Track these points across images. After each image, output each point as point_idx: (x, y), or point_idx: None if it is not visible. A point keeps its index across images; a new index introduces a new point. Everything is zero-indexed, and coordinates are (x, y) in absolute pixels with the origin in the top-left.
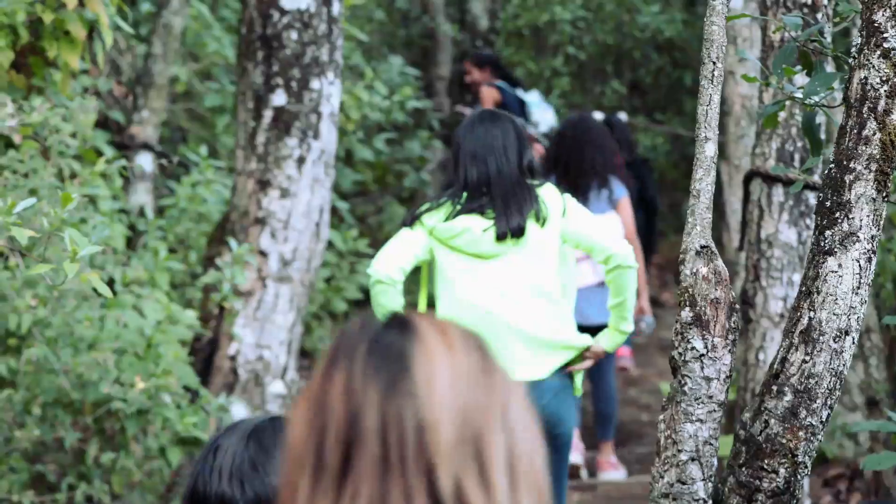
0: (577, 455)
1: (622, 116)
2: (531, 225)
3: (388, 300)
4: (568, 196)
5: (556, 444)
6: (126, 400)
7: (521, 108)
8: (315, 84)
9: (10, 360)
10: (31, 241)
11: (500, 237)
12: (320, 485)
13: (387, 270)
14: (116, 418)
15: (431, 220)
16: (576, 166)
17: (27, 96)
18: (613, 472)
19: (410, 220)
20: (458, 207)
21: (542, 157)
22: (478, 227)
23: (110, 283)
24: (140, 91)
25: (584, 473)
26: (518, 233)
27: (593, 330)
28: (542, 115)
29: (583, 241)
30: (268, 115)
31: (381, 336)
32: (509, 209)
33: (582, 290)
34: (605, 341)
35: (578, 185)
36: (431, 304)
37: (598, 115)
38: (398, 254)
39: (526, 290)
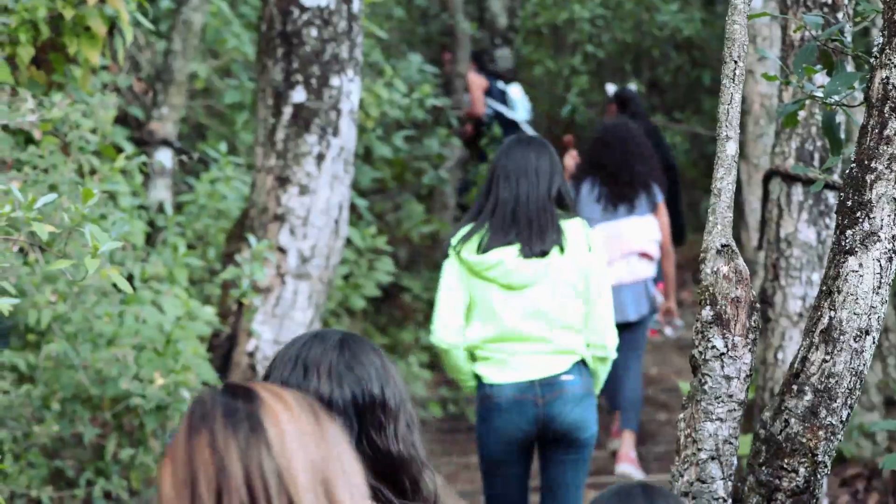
0: (631, 468)
1: (632, 87)
2: (555, 254)
3: (460, 362)
4: (595, 237)
5: (580, 448)
6: (145, 396)
7: (503, 98)
8: (335, 81)
9: (30, 356)
10: (52, 237)
11: (526, 256)
12: None
13: (450, 339)
14: (135, 414)
15: (465, 252)
16: (624, 177)
17: (47, 92)
18: (631, 467)
19: (446, 252)
20: (489, 239)
21: (581, 161)
22: (509, 260)
23: (129, 279)
24: (160, 87)
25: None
26: (541, 255)
27: (630, 326)
28: (522, 105)
29: (590, 299)
30: (287, 111)
31: (232, 403)
32: (533, 233)
33: (618, 288)
34: None
35: (625, 193)
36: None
37: (611, 88)
38: (451, 316)
39: (549, 318)
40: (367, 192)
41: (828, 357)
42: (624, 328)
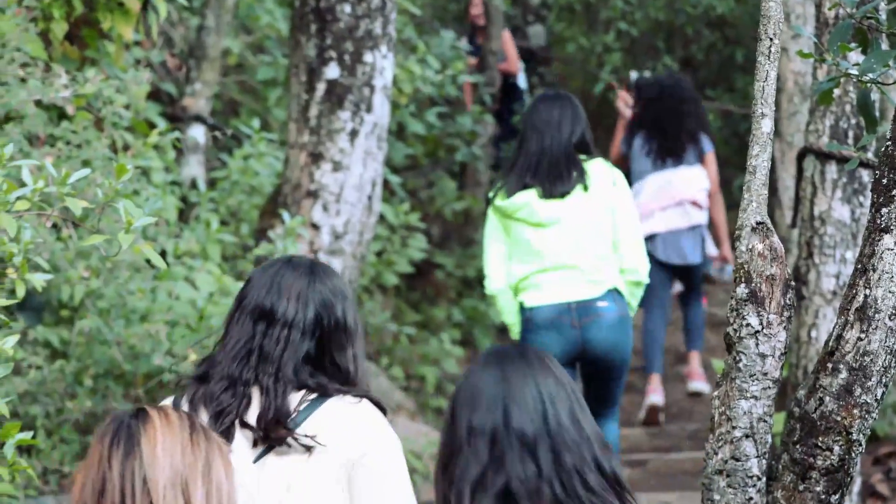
0: (657, 397)
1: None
2: (579, 192)
3: (508, 303)
4: (619, 173)
5: (617, 368)
6: (178, 371)
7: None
8: (368, 57)
9: (63, 331)
10: (85, 213)
11: (548, 197)
12: None
13: (498, 285)
14: (168, 390)
15: (498, 200)
16: (673, 132)
17: (81, 68)
18: (701, 383)
19: (486, 204)
20: (517, 184)
21: (634, 116)
22: (534, 200)
23: (163, 254)
24: (193, 63)
25: (661, 417)
26: (563, 196)
27: (688, 270)
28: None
29: (617, 229)
30: (321, 88)
31: (125, 422)
32: (553, 177)
33: (674, 234)
34: None
35: (672, 148)
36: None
37: (634, 75)
38: (496, 263)
39: (580, 249)
40: (400, 168)
41: (863, 335)
42: (682, 272)
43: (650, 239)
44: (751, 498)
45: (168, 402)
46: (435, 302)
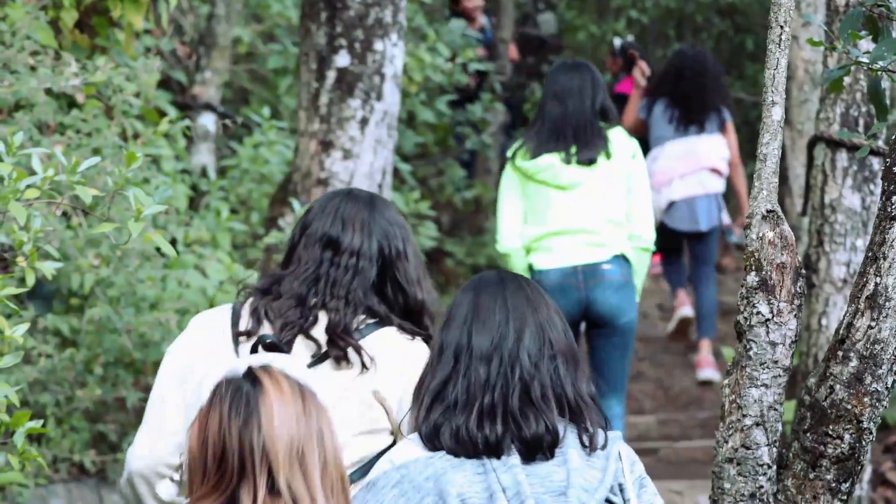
0: (687, 309)
1: (630, 39)
2: (601, 159)
3: (520, 263)
4: (637, 144)
5: (621, 332)
6: None
7: None
8: (378, 45)
9: (73, 320)
10: (95, 201)
11: (576, 163)
12: (206, 479)
13: (511, 244)
14: None
15: (518, 160)
16: (697, 103)
17: (91, 56)
18: (710, 371)
19: (504, 162)
20: (540, 146)
21: (656, 82)
22: (558, 163)
23: (173, 243)
24: (203, 51)
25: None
26: (590, 163)
27: (701, 237)
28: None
29: (631, 197)
30: (331, 76)
31: (242, 388)
32: (581, 144)
33: (690, 201)
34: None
35: (696, 115)
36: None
37: (618, 42)
38: (511, 222)
39: (594, 212)
40: (411, 156)
41: (873, 323)
42: (695, 239)
43: (668, 208)
44: (761, 486)
45: (227, 307)
46: (445, 290)
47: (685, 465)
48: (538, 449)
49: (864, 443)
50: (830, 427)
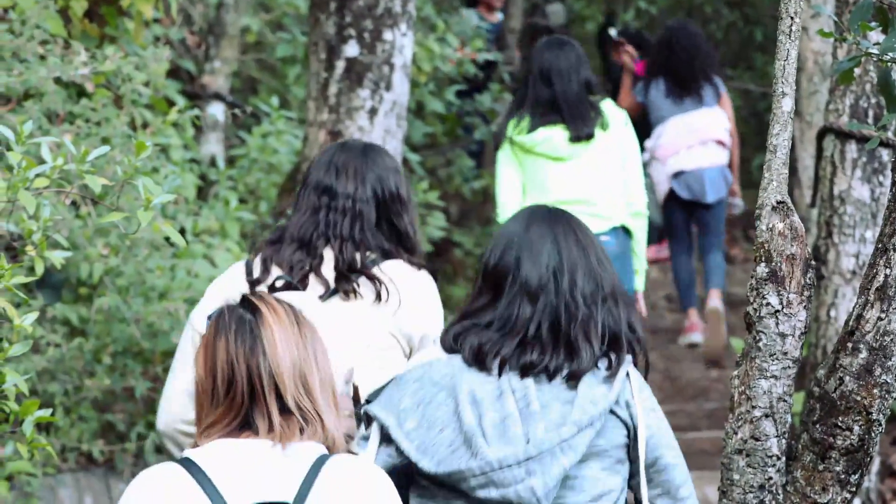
0: (697, 335)
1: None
2: (597, 132)
3: None
4: (625, 113)
5: None
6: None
7: None
8: (388, 35)
9: (82, 309)
10: (104, 190)
11: (575, 140)
12: (214, 404)
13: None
14: None
15: (516, 136)
16: (686, 73)
17: (100, 45)
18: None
19: (499, 142)
20: (536, 121)
21: (650, 62)
22: (555, 136)
23: (181, 232)
24: (212, 41)
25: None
26: (588, 137)
27: (709, 208)
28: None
29: (624, 165)
30: (340, 65)
31: (242, 316)
32: (577, 119)
33: (698, 172)
34: (638, 283)
35: (688, 86)
36: None
37: (613, 32)
38: (509, 196)
39: (593, 184)
40: (420, 146)
41: (883, 315)
42: (703, 210)
43: (677, 176)
44: (770, 477)
45: (240, 263)
46: (453, 280)
47: (693, 457)
48: (566, 374)
49: (873, 434)
50: (840, 418)
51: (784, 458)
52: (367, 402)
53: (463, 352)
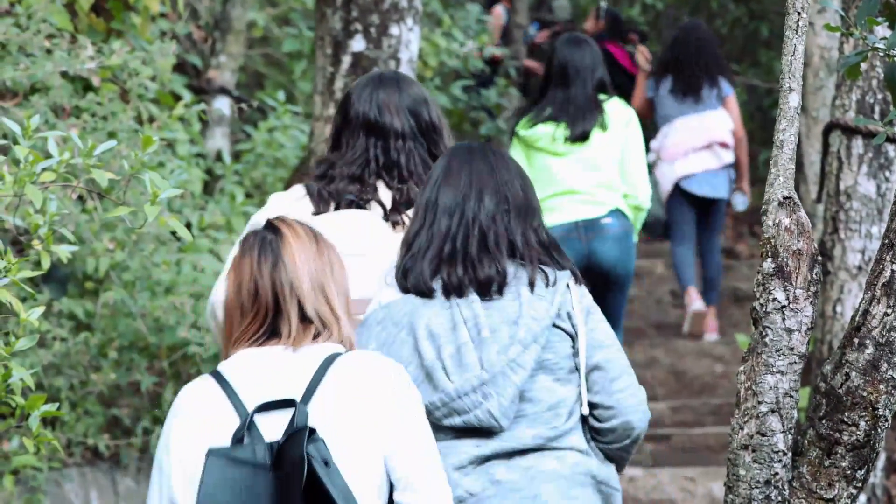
0: (699, 303)
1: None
2: (595, 131)
3: None
4: (633, 113)
5: (617, 282)
6: (203, 344)
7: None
8: (394, 30)
9: (87, 304)
10: (110, 184)
11: (571, 140)
12: (244, 317)
13: None
14: (193, 362)
15: (521, 130)
16: (689, 70)
17: (106, 39)
18: (714, 335)
19: (511, 135)
20: (539, 117)
21: (657, 60)
22: (554, 133)
23: (188, 227)
24: (218, 35)
25: (707, 325)
26: (582, 137)
27: (715, 202)
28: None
29: (625, 161)
30: (346, 60)
31: (265, 237)
32: (577, 119)
33: (706, 174)
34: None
35: (692, 85)
36: None
37: (603, 5)
38: None
39: (590, 177)
40: None
41: (889, 310)
42: (706, 207)
43: (686, 178)
44: (776, 473)
45: (299, 186)
46: None
47: (698, 452)
48: (490, 288)
49: (879, 430)
50: (846, 414)
51: (790, 454)
52: None
53: (410, 285)
